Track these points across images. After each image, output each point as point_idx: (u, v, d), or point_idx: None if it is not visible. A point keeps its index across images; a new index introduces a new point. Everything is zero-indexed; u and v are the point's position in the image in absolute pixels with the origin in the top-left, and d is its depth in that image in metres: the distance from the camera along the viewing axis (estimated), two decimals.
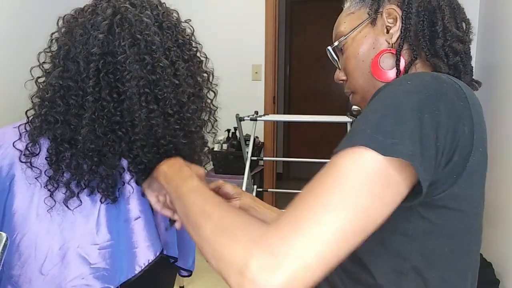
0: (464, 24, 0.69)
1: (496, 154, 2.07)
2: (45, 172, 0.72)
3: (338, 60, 0.77)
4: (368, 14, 0.70)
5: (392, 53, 0.68)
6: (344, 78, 0.76)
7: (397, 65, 0.67)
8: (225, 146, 2.71)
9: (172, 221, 0.80)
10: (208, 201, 0.58)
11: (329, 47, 0.75)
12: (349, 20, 0.73)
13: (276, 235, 0.44)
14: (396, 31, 0.68)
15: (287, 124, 4.64)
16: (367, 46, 0.70)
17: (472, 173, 0.54)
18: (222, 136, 2.79)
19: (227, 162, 2.69)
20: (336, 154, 0.50)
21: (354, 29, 0.71)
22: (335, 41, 0.75)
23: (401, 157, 0.47)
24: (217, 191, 0.88)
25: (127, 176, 0.75)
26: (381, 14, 0.69)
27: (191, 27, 0.80)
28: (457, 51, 0.66)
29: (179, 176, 0.68)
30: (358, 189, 0.46)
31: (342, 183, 0.46)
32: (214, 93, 0.84)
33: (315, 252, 0.42)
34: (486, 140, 0.59)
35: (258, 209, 0.90)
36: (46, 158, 0.72)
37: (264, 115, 2.46)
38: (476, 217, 0.60)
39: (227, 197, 0.89)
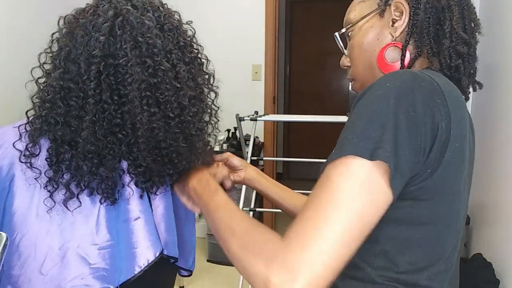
0: (472, 24, 0.70)
1: (496, 154, 2.07)
2: (45, 173, 0.72)
3: (345, 46, 0.79)
4: (378, 5, 0.72)
5: (397, 46, 0.69)
6: (349, 64, 0.79)
7: (402, 60, 0.68)
8: (225, 146, 2.71)
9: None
10: (233, 218, 0.65)
11: (336, 33, 0.78)
12: (359, 8, 0.74)
13: (288, 252, 0.51)
14: (400, 25, 0.69)
15: (287, 124, 4.64)
16: (371, 36, 0.72)
17: (446, 168, 0.58)
18: (222, 136, 2.79)
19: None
20: (328, 165, 0.56)
21: (363, 18, 0.73)
22: (344, 27, 0.77)
23: (383, 160, 0.52)
24: (225, 162, 0.97)
25: (126, 178, 0.75)
26: (390, 6, 0.70)
27: (192, 29, 0.80)
28: (461, 53, 0.67)
29: (207, 192, 0.75)
30: (351, 198, 0.52)
31: (336, 195, 0.52)
32: (215, 93, 0.84)
33: (322, 263, 0.50)
34: (467, 138, 0.62)
35: (261, 182, 0.99)
36: (46, 159, 0.72)
37: (264, 115, 2.46)
38: (450, 208, 0.62)
39: (233, 169, 0.98)
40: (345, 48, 0.79)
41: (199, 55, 0.80)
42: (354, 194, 0.52)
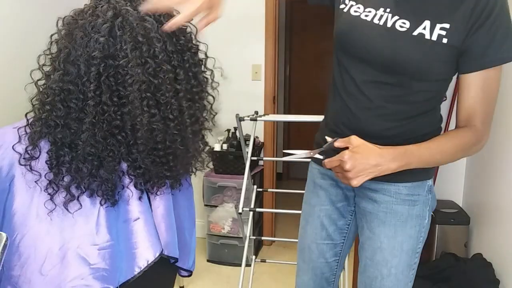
0: None
1: (496, 154, 2.07)
2: (45, 175, 0.72)
3: None
4: None
5: None
6: None
7: None
8: (225, 146, 2.71)
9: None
10: (436, 151, 0.99)
11: None
12: None
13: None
14: None
15: (287, 124, 4.63)
16: None
17: None
18: (222, 136, 2.79)
19: (227, 162, 2.69)
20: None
21: None
22: None
23: None
24: None
25: (126, 180, 0.75)
26: None
27: (191, 26, 0.79)
28: None
29: (392, 162, 0.95)
30: None
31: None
32: (213, 97, 0.83)
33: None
34: None
35: None
36: (46, 162, 0.72)
37: (264, 115, 2.46)
38: None
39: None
40: None
41: (199, 55, 0.80)
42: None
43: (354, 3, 1.04)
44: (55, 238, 0.71)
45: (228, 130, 2.79)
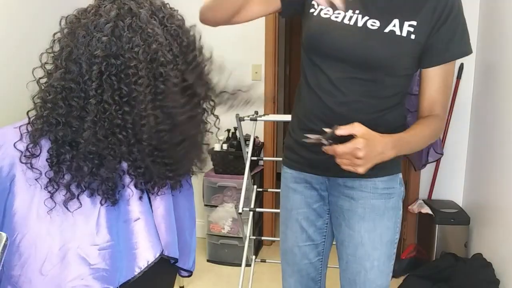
0: None
1: (496, 154, 2.07)
2: (45, 173, 0.72)
3: None
4: None
5: None
6: None
7: None
8: (225, 146, 2.71)
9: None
10: (415, 139, 1.06)
11: None
12: None
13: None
14: None
15: (287, 124, 4.63)
16: None
17: None
18: (222, 136, 2.79)
19: (227, 162, 2.69)
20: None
21: None
22: None
23: None
24: None
25: (127, 179, 0.75)
26: None
27: (195, 29, 0.80)
28: None
29: (389, 150, 0.97)
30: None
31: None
32: (214, 102, 0.84)
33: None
34: None
35: None
36: (47, 160, 0.72)
37: (264, 115, 2.46)
38: None
39: None
40: None
41: (202, 55, 0.80)
42: None
43: (323, 7, 1.08)
44: (56, 238, 0.71)
45: (228, 130, 2.79)
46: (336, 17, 1.05)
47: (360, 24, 1.03)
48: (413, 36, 1.01)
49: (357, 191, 1.13)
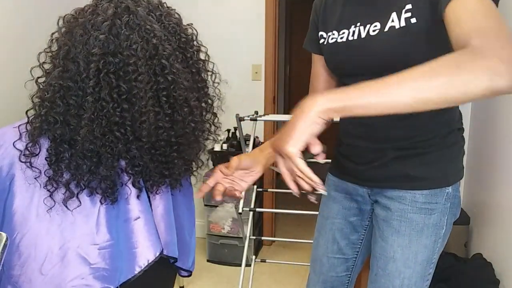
0: None
1: (496, 154, 2.07)
2: (44, 172, 0.72)
3: None
4: None
5: None
6: None
7: None
8: (225, 146, 2.71)
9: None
10: (416, 75, 0.72)
11: None
12: None
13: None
14: None
15: None
16: None
17: None
18: (222, 136, 2.79)
19: (227, 162, 2.68)
20: None
21: None
22: None
23: None
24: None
25: (125, 177, 0.75)
26: None
27: (194, 30, 0.80)
28: None
29: (353, 94, 0.71)
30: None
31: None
32: (218, 97, 0.84)
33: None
34: None
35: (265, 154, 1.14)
36: (46, 159, 0.72)
37: (264, 115, 2.46)
38: None
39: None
40: None
41: (201, 55, 0.80)
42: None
43: (330, 33, 1.09)
44: (55, 238, 0.71)
45: (228, 130, 2.79)
46: (342, 37, 1.05)
47: (363, 34, 1.00)
48: (413, 20, 0.91)
49: (395, 202, 1.06)
